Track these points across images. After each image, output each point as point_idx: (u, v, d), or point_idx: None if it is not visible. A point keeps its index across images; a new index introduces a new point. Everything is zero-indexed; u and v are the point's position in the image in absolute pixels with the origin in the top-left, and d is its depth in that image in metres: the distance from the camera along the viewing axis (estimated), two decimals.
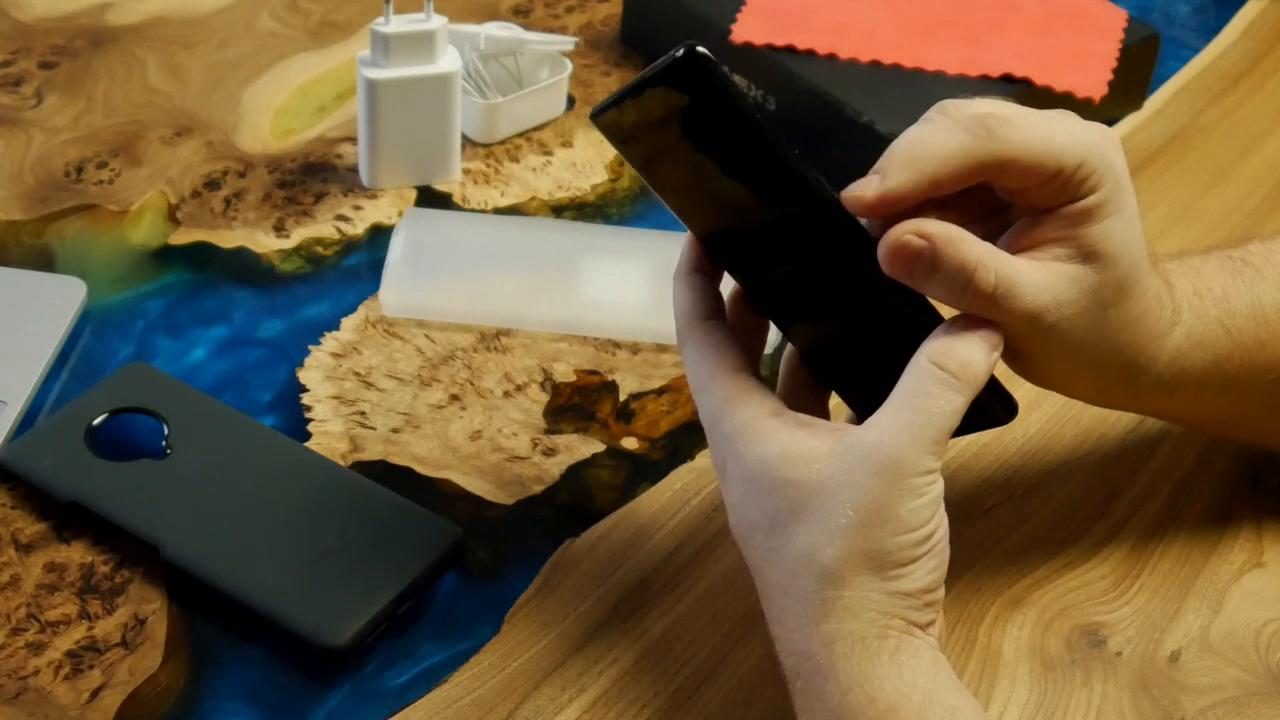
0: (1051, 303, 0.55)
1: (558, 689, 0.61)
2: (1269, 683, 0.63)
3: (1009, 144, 0.54)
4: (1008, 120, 0.54)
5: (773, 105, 0.89)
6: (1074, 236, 0.56)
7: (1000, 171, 0.55)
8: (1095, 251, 0.55)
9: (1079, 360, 0.58)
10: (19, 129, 0.88)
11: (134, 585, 0.64)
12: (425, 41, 0.81)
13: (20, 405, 0.70)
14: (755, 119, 0.54)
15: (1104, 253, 0.56)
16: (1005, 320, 0.55)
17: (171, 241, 0.82)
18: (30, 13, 0.98)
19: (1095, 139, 0.56)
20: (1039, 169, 0.55)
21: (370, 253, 0.82)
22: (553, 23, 1.01)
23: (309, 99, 0.92)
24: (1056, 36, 0.92)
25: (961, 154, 0.54)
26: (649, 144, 0.56)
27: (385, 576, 0.63)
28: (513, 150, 0.89)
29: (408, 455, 0.71)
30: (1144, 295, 0.58)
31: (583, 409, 0.74)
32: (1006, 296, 0.55)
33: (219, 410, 0.70)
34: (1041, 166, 0.54)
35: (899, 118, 0.85)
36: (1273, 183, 0.91)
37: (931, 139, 0.55)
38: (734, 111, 0.54)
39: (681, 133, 0.55)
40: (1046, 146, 0.54)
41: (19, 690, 0.60)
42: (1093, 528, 0.69)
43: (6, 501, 0.67)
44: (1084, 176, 0.55)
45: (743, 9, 0.92)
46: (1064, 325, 0.56)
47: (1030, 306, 0.55)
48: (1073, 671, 0.63)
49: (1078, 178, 0.55)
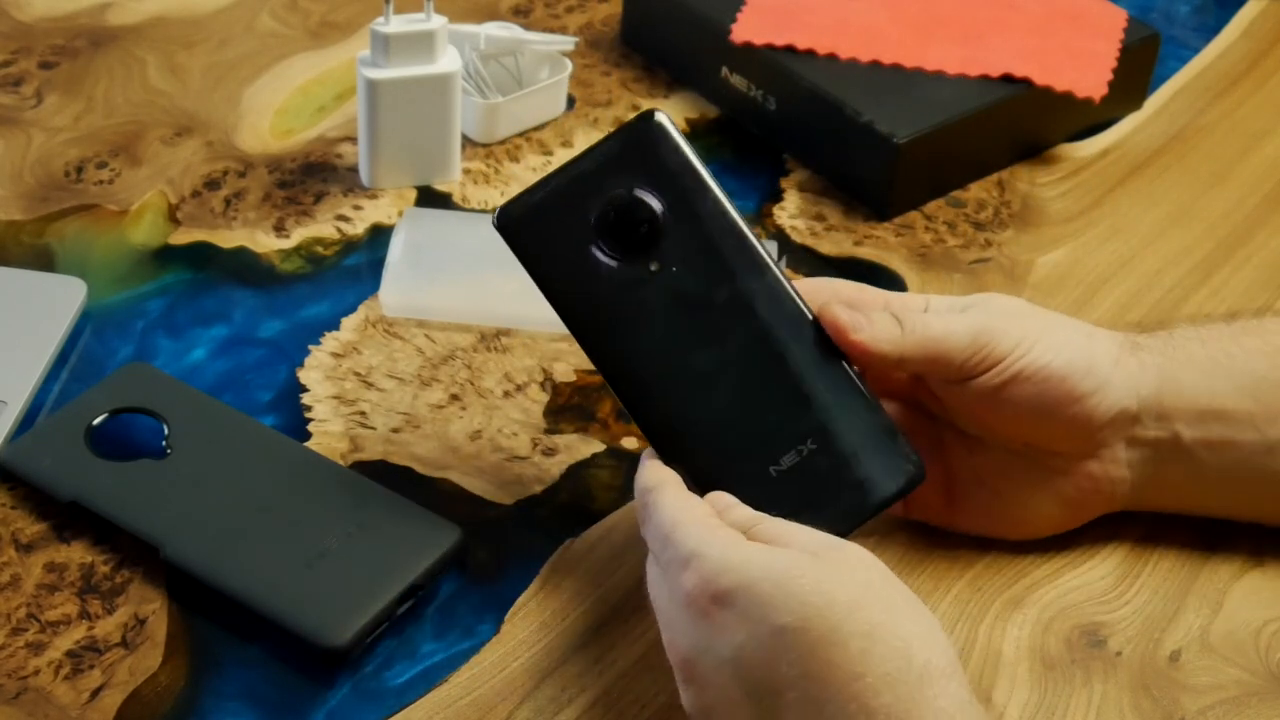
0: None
1: (558, 689, 0.61)
2: (1269, 683, 0.63)
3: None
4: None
5: (773, 105, 0.90)
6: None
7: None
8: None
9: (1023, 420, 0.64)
10: (19, 129, 0.88)
11: (134, 585, 0.64)
12: (425, 41, 0.81)
13: (20, 405, 0.70)
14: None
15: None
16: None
17: (171, 241, 0.82)
18: (30, 13, 0.98)
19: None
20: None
21: (370, 253, 0.82)
22: (553, 23, 1.01)
23: (309, 99, 0.92)
24: (1056, 36, 0.92)
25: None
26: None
27: (385, 576, 0.63)
28: (513, 150, 0.89)
29: (408, 455, 0.71)
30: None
31: (583, 409, 0.74)
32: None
33: (219, 410, 0.70)
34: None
35: (899, 118, 0.85)
36: (1273, 183, 0.91)
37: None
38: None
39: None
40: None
41: (19, 690, 0.60)
42: (1093, 528, 0.68)
43: (6, 501, 0.67)
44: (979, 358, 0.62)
45: (743, 9, 0.92)
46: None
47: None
48: (1073, 671, 0.63)
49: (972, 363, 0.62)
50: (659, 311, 0.61)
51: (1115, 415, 0.63)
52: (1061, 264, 0.84)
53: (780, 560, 0.54)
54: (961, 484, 0.66)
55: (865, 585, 0.53)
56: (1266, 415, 0.64)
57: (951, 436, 0.66)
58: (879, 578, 0.54)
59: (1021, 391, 0.62)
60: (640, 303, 0.61)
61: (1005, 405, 0.63)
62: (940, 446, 0.66)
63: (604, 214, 0.61)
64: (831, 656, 0.52)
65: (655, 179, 0.62)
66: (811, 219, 0.86)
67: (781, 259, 0.81)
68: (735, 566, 0.54)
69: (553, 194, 0.61)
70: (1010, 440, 0.65)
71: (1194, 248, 0.86)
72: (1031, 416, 0.63)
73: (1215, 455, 0.64)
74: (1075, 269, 0.84)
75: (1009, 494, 0.66)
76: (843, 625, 0.52)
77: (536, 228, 0.61)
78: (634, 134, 0.62)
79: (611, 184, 0.61)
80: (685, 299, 0.61)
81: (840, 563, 0.54)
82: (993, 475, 0.66)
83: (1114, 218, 0.88)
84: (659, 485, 0.59)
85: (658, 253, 0.61)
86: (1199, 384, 0.64)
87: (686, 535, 0.56)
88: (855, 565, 0.54)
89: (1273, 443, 0.64)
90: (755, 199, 0.87)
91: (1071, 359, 0.62)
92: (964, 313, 0.63)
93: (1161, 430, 0.64)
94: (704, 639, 0.54)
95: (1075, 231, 0.86)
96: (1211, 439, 0.64)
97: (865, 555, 0.55)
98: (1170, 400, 0.64)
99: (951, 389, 0.64)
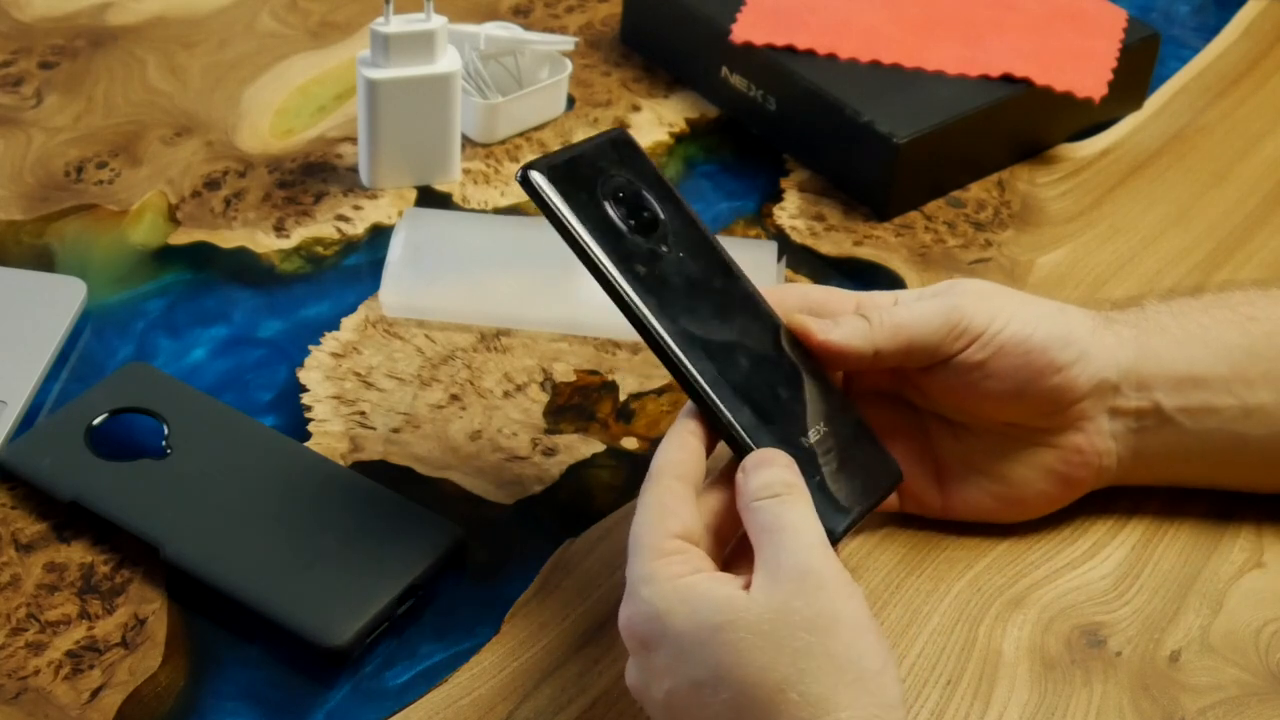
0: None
1: (558, 689, 0.61)
2: (1269, 683, 0.63)
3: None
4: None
5: (773, 105, 0.90)
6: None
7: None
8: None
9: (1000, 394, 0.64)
10: (19, 129, 0.88)
11: (134, 585, 0.64)
12: (425, 41, 0.81)
13: (20, 405, 0.70)
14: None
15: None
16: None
17: (171, 241, 0.82)
18: (30, 13, 0.98)
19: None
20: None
21: (370, 253, 0.82)
22: (553, 23, 1.01)
23: (309, 99, 0.92)
24: (1056, 36, 0.92)
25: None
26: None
27: (385, 576, 0.63)
28: (513, 150, 0.89)
29: (408, 455, 0.71)
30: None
31: (583, 409, 0.74)
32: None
33: (219, 410, 0.70)
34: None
35: (899, 118, 0.85)
36: (1273, 183, 0.91)
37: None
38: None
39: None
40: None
41: (19, 690, 0.60)
42: (1093, 528, 0.69)
43: (6, 501, 0.67)
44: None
45: (743, 9, 0.92)
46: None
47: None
48: (1073, 671, 0.63)
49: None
50: (678, 281, 0.61)
51: (1096, 385, 0.64)
52: (1061, 264, 0.84)
53: (701, 608, 0.53)
54: (951, 472, 0.67)
55: (783, 641, 0.52)
56: (1242, 380, 0.65)
57: (936, 426, 0.67)
58: (802, 619, 0.52)
59: (1003, 365, 0.63)
60: (660, 267, 0.61)
61: (988, 382, 0.63)
62: (926, 437, 0.67)
63: (614, 191, 0.61)
64: (745, 714, 0.52)
65: (642, 180, 0.62)
66: (811, 219, 0.86)
67: (781, 259, 0.81)
68: (658, 613, 0.54)
69: (571, 161, 0.61)
70: (994, 421, 0.65)
71: (1194, 248, 0.86)
72: (1014, 391, 0.63)
73: (1196, 422, 0.65)
74: (1075, 269, 0.84)
75: (998, 475, 0.66)
76: (753, 688, 0.52)
77: (561, 184, 0.60)
78: (609, 143, 0.63)
79: (611, 169, 0.62)
80: (694, 281, 0.61)
81: (771, 602, 0.53)
82: (980, 458, 0.66)
83: (1114, 218, 0.88)
84: (658, 475, 0.58)
85: (661, 238, 0.61)
86: (1175, 353, 0.65)
87: (636, 560, 0.56)
88: (784, 605, 0.53)
89: (1251, 407, 0.65)
90: (755, 199, 0.87)
91: (1050, 330, 0.63)
92: (934, 298, 0.64)
93: (1142, 399, 0.65)
94: (643, 673, 0.55)
95: (1075, 231, 0.87)
96: (1191, 406, 0.65)
97: (803, 578, 0.53)
98: (1149, 369, 0.65)
99: (933, 376, 0.64)
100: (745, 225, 0.85)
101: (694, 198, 0.87)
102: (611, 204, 0.61)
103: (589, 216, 0.60)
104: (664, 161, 0.89)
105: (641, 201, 0.62)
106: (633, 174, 0.62)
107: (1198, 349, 0.66)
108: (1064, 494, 0.67)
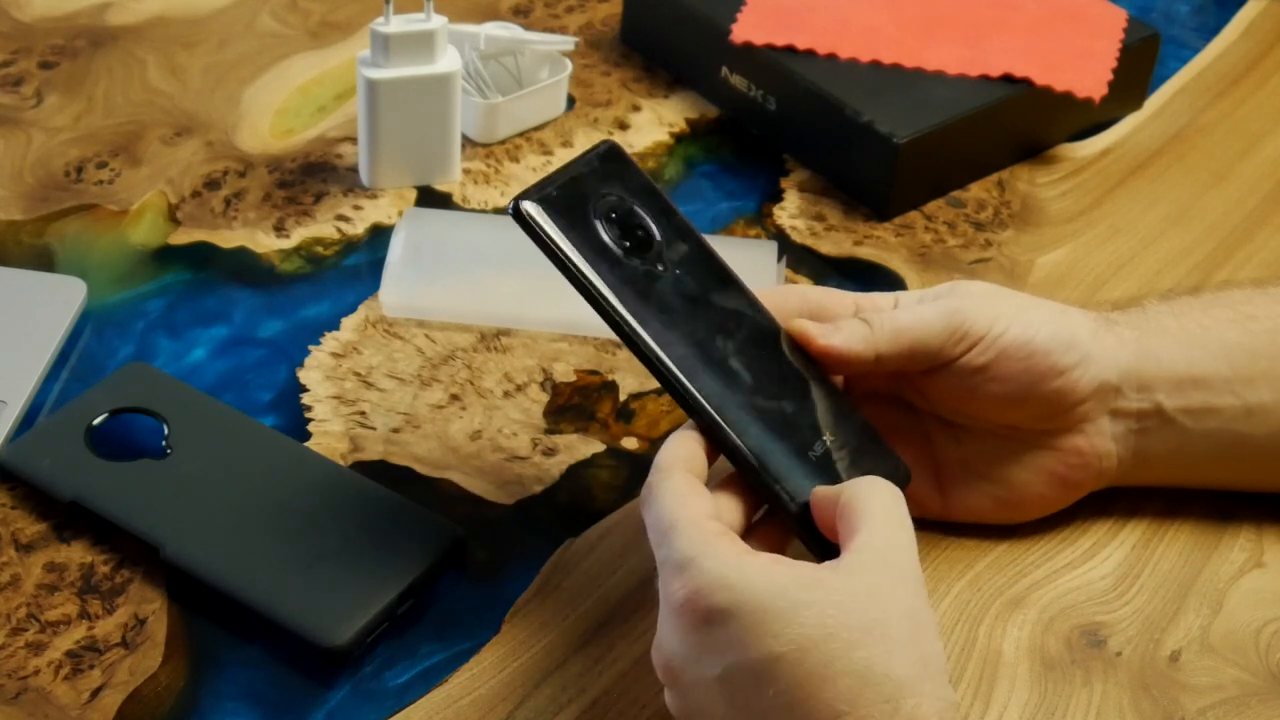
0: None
1: (558, 689, 0.61)
2: (1269, 683, 0.63)
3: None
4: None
5: (773, 105, 0.90)
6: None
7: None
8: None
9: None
10: (19, 129, 0.88)
11: (134, 585, 0.64)
12: (425, 41, 0.81)
13: (20, 405, 0.70)
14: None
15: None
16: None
17: (171, 241, 0.82)
18: (30, 13, 0.98)
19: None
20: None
21: (370, 253, 0.82)
22: (553, 23, 1.00)
23: (309, 99, 0.92)
24: (1056, 36, 0.92)
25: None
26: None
27: (385, 576, 0.63)
28: (513, 150, 0.89)
29: (408, 455, 0.71)
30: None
31: (583, 409, 0.74)
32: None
33: (219, 410, 0.70)
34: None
35: (899, 118, 0.85)
36: (1273, 183, 0.91)
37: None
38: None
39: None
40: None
41: (19, 690, 0.60)
42: (1093, 528, 0.69)
43: (6, 501, 0.67)
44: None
45: (743, 9, 0.92)
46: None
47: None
48: (1073, 671, 0.63)
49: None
50: (676, 301, 0.61)
51: (1097, 388, 0.64)
52: (1061, 264, 0.84)
53: (783, 581, 0.53)
54: (951, 474, 0.67)
55: (872, 621, 0.52)
56: (1242, 380, 0.65)
57: (937, 428, 0.67)
58: (890, 605, 0.53)
59: (1005, 369, 0.63)
60: (658, 289, 0.61)
61: (989, 385, 0.63)
62: (927, 439, 0.67)
63: (607, 212, 0.61)
64: (820, 691, 0.51)
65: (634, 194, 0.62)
66: (811, 219, 0.86)
67: (781, 259, 0.81)
68: (733, 584, 0.53)
69: (563, 187, 0.61)
70: (995, 423, 0.65)
71: (1194, 248, 0.86)
72: (1016, 395, 0.63)
73: (1197, 422, 0.65)
74: (1075, 269, 0.84)
75: (999, 477, 0.66)
76: (836, 661, 0.51)
77: (554, 214, 0.61)
78: (598, 159, 0.63)
79: (603, 189, 0.62)
80: (692, 299, 0.61)
81: (855, 584, 0.53)
82: (981, 461, 0.66)
83: (1114, 218, 0.88)
84: (668, 468, 0.58)
85: (657, 256, 0.61)
86: (1176, 354, 0.65)
87: (682, 538, 0.55)
88: (872, 588, 0.53)
89: (1251, 406, 0.65)
90: (755, 199, 0.87)
91: (1053, 334, 0.63)
92: (935, 300, 0.64)
93: (1143, 401, 0.65)
94: (692, 651, 0.54)
95: (1075, 231, 0.87)
96: (1192, 406, 0.65)
97: (888, 568, 0.54)
98: (1149, 371, 0.65)
99: (934, 378, 0.64)
100: (745, 225, 0.85)
101: (694, 198, 0.87)
102: (604, 225, 0.61)
103: (584, 245, 0.60)
104: (664, 162, 0.89)
105: (635, 219, 0.62)
106: (624, 190, 0.62)
107: (1198, 350, 0.66)
108: (1064, 496, 0.67)
